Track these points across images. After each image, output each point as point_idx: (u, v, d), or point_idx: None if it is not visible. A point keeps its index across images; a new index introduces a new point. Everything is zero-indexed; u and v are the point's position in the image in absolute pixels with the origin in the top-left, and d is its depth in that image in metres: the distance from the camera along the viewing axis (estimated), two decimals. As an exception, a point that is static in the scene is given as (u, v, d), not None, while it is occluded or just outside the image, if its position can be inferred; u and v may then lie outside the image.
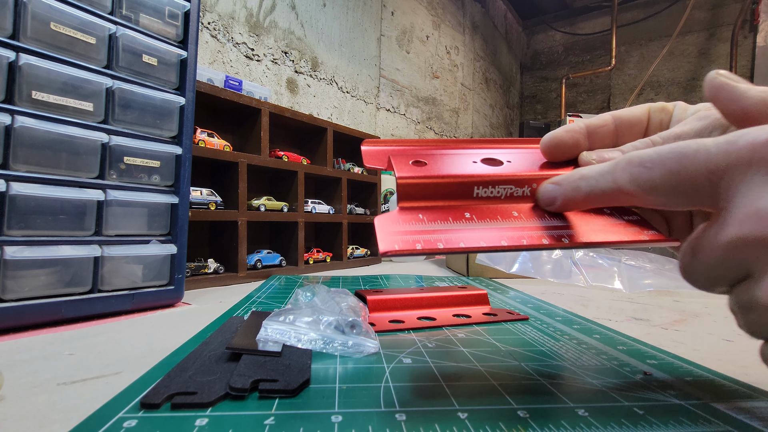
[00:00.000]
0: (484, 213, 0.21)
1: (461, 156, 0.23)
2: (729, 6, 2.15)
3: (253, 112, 0.73)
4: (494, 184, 0.21)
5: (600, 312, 0.45)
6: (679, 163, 0.16)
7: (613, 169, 0.18)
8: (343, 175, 0.91)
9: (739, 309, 0.17)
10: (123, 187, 0.42)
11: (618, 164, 0.18)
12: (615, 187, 0.18)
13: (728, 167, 0.15)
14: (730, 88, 0.19)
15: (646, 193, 0.17)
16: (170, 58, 0.47)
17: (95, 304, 0.40)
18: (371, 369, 0.25)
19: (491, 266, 0.70)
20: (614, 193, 0.18)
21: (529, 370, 0.25)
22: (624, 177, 0.18)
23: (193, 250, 0.67)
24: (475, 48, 2.16)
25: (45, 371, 0.26)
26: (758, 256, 0.15)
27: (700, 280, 0.18)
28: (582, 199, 0.20)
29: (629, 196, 0.18)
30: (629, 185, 0.18)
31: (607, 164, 0.19)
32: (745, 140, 0.15)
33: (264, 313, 0.34)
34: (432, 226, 0.20)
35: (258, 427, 0.18)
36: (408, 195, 0.21)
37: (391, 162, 0.22)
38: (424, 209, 0.21)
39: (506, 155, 0.23)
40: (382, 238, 0.18)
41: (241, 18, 0.92)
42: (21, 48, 0.36)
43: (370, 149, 0.23)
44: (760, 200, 0.14)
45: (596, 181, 0.19)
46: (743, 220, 0.15)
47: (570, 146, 0.23)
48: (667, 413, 0.19)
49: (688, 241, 0.18)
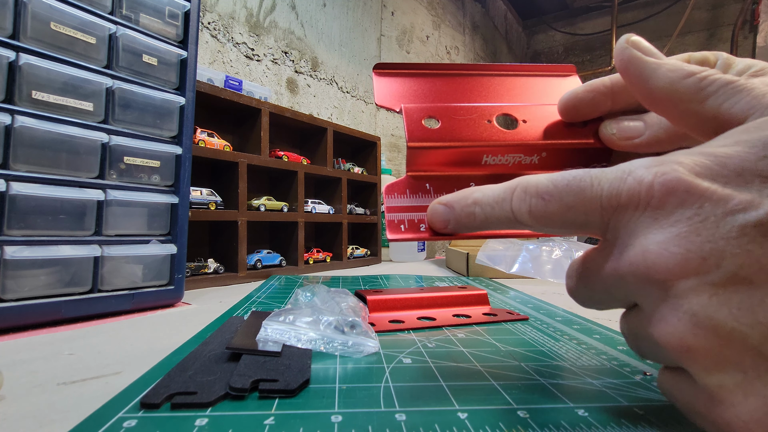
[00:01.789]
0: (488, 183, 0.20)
1: (477, 111, 0.21)
2: (729, 6, 2.15)
3: (253, 112, 0.73)
4: (504, 151, 0.21)
5: (600, 312, 0.45)
6: (576, 197, 0.16)
7: (510, 197, 0.18)
8: (343, 175, 0.91)
9: (629, 334, 0.17)
10: (123, 187, 0.42)
11: (515, 192, 0.18)
12: (512, 217, 0.18)
13: (618, 206, 0.15)
14: (638, 63, 0.18)
15: (540, 225, 0.17)
16: (170, 58, 0.47)
17: (95, 304, 0.40)
18: (371, 369, 0.25)
19: (491, 266, 0.70)
20: (510, 223, 0.18)
21: (529, 370, 0.25)
22: (522, 208, 0.17)
23: (193, 250, 0.67)
24: (475, 48, 2.16)
25: (45, 371, 0.26)
26: (644, 293, 0.15)
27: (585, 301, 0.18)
28: (477, 225, 0.19)
29: (524, 226, 0.18)
30: (526, 217, 0.17)
31: (501, 189, 0.18)
32: (632, 179, 0.15)
33: (264, 313, 0.34)
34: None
35: (258, 427, 0.18)
36: (417, 162, 0.20)
37: (403, 118, 0.21)
38: (431, 178, 0.20)
39: (524, 112, 0.22)
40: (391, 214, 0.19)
41: (241, 18, 0.92)
42: (21, 48, 0.36)
43: (384, 82, 0.22)
44: (645, 241, 0.14)
45: (492, 209, 0.18)
46: (630, 258, 0.15)
47: (591, 106, 0.21)
48: (667, 413, 0.19)
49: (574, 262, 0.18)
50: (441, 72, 0.23)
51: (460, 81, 0.23)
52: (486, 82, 0.24)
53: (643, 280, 0.15)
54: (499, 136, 0.21)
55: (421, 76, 0.23)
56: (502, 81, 0.24)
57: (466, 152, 0.21)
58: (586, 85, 0.21)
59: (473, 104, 0.22)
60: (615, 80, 0.21)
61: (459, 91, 0.23)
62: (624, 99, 0.21)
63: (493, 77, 0.24)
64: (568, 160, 0.22)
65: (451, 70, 0.23)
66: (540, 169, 0.21)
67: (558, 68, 0.24)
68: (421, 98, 0.22)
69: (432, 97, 0.22)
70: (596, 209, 0.16)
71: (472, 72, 0.24)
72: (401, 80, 0.22)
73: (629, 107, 0.21)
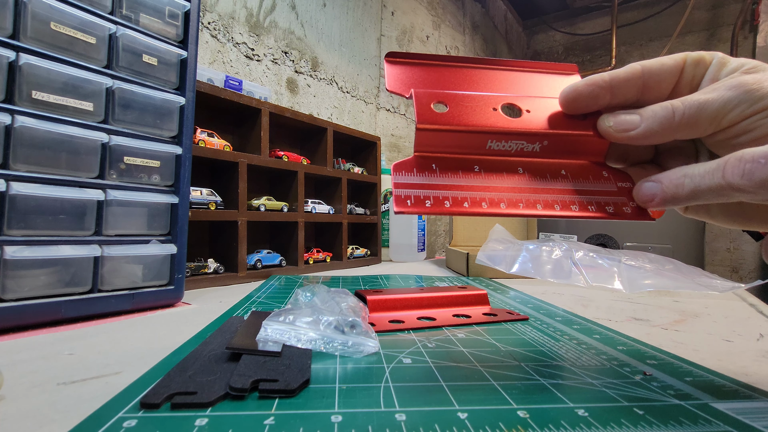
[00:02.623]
0: (491, 167, 0.22)
1: (483, 100, 0.23)
2: (729, 6, 2.15)
3: (253, 112, 0.73)
4: (507, 138, 0.22)
5: (600, 312, 0.45)
6: None
7: (722, 167, 0.18)
8: (343, 175, 0.91)
9: None
10: (123, 187, 0.42)
11: (728, 161, 0.18)
12: (725, 183, 0.18)
13: None
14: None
15: (758, 187, 0.17)
16: (170, 58, 0.47)
17: (95, 304, 0.40)
18: (371, 369, 0.25)
19: (491, 266, 0.69)
20: (722, 189, 0.18)
21: (529, 370, 0.25)
22: (736, 172, 0.18)
23: (193, 250, 0.67)
24: (476, 48, 2.16)
25: (45, 371, 0.26)
26: None
27: None
28: (685, 196, 0.20)
29: (739, 191, 0.18)
30: (741, 181, 0.18)
31: (714, 162, 0.19)
32: None
33: (264, 313, 0.34)
34: (442, 180, 0.21)
35: (258, 427, 0.18)
36: (425, 144, 0.21)
37: (413, 100, 0.22)
38: (437, 159, 0.21)
39: (527, 103, 0.23)
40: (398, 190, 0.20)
41: (241, 18, 0.92)
42: (21, 48, 0.36)
43: (395, 69, 0.23)
44: None
45: (702, 178, 0.19)
46: None
47: (590, 99, 0.22)
48: (667, 413, 0.19)
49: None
50: (449, 63, 0.24)
51: (466, 72, 0.24)
52: (491, 75, 0.25)
53: None
54: (503, 123, 0.22)
55: (430, 66, 0.24)
56: (506, 75, 0.25)
57: (472, 137, 0.22)
58: (587, 79, 0.22)
59: (480, 93, 0.23)
60: (614, 76, 0.22)
61: (466, 82, 0.24)
62: (622, 94, 0.22)
63: (498, 71, 0.25)
64: (568, 149, 0.23)
65: (459, 62, 0.24)
66: (541, 156, 0.23)
67: (561, 66, 0.25)
68: (429, 86, 0.23)
69: (440, 85, 0.23)
70: None
71: (479, 65, 0.25)
72: (411, 69, 0.24)
73: (627, 102, 0.22)
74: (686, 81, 0.22)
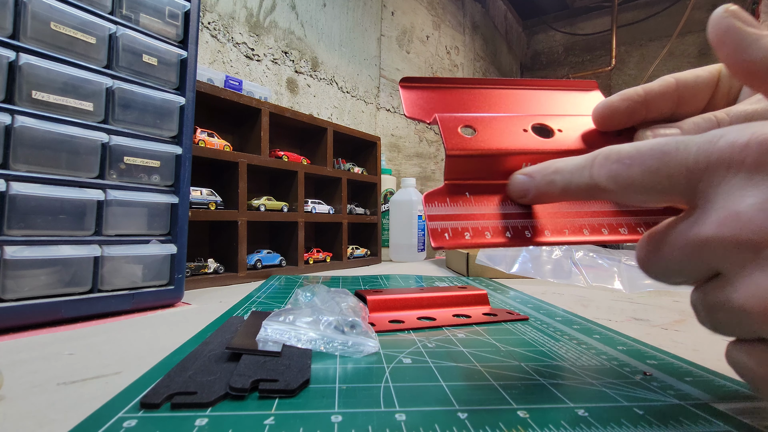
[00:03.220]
0: None
1: (512, 121, 0.21)
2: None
3: (253, 112, 0.73)
4: (543, 159, 0.20)
5: (600, 312, 0.45)
6: (660, 161, 0.16)
7: (590, 164, 0.18)
8: (343, 175, 0.91)
9: (705, 307, 0.17)
10: (123, 187, 0.42)
11: (595, 159, 0.18)
12: (591, 182, 0.18)
13: (708, 168, 0.15)
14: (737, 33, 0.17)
15: (622, 190, 0.17)
16: (170, 58, 0.47)
17: (95, 304, 0.40)
18: (371, 369, 0.25)
19: (491, 266, 0.70)
20: (590, 189, 0.18)
21: (529, 370, 0.25)
22: (601, 173, 0.17)
23: (193, 250, 0.67)
24: (476, 48, 2.16)
25: (45, 371, 0.26)
26: (731, 258, 0.15)
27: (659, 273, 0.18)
28: (557, 193, 0.19)
29: (605, 192, 0.17)
30: (606, 182, 0.17)
31: (583, 158, 0.18)
32: (725, 141, 0.15)
33: (264, 313, 0.34)
34: (478, 209, 0.19)
35: (258, 427, 0.18)
36: (456, 171, 0.20)
37: (439, 127, 0.21)
38: (470, 187, 0.20)
39: (558, 122, 0.22)
40: (433, 223, 0.18)
41: (241, 18, 0.92)
42: (21, 48, 0.36)
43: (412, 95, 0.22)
44: (738, 203, 0.14)
45: (572, 175, 0.18)
46: (720, 222, 0.15)
47: (625, 116, 0.21)
48: (667, 413, 0.19)
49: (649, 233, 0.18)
50: (467, 86, 0.23)
51: (486, 93, 0.23)
52: (512, 95, 0.24)
53: (732, 242, 0.14)
54: (538, 144, 0.21)
55: (447, 89, 0.23)
56: (527, 94, 0.24)
57: (507, 160, 0.21)
58: (621, 94, 0.21)
59: (508, 114, 0.22)
60: (648, 90, 0.21)
61: (486, 104, 0.23)
62: (657, 108, 0.21)
63: (518, 90, 0.24)
64: None
65: (477, 84, 0.23)
66: None
67: (580, 83, 0.24)
68: (450, 109, 0.22)
69: (461, 108, 0.22)
70: (681, 173, 0.15)
71: (498, 86, 0.23)
72: (428, 92, 0.22)
73: (662, 116, 0.22)
74: (722, 94, 0.21)
